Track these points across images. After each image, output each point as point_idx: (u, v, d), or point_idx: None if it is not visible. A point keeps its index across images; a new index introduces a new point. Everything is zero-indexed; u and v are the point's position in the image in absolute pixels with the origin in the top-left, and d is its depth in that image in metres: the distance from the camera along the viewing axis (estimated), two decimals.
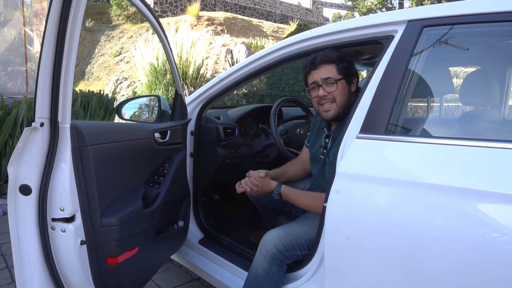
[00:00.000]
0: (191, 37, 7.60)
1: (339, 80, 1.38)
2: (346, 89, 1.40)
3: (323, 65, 1.38)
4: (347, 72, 1.39)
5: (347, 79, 1.40)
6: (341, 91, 1.38)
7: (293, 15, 19.88)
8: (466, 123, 1.43)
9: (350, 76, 1.41)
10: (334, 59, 1.38)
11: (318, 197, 1.31)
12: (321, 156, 1.51)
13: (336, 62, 1.38)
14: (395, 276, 0.96)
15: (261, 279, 1.30)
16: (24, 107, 3.33)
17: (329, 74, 1.38)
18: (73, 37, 1.05)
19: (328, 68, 1.38)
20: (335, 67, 1.38)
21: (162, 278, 2.00)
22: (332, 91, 1.38)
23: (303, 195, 1.46)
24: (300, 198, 1.44)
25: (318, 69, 1.39)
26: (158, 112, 1.72)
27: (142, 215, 1.35)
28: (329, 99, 1.39)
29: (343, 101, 1.39)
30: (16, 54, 9.21)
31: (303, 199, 1.43)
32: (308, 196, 1.44)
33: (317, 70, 1.40)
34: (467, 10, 1.05)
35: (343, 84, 1.39)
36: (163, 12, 14.75)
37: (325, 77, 1.38)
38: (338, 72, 1.38)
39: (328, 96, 1.38)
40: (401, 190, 0.97)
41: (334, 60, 1.38)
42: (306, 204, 1.42)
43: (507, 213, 0.81)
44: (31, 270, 1.12)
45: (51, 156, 1.10)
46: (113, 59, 12.22)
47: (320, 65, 1.39)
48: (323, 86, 1.38)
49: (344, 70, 1.38)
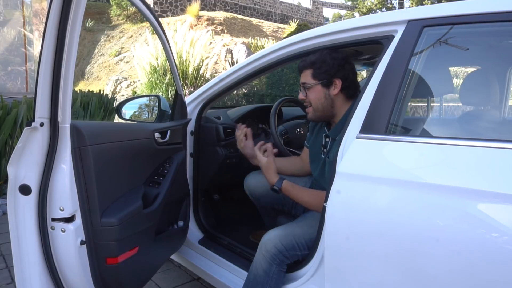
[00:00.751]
0: (191, 37, 7.60)
1: (313, 86, 1.42)
2: (322, 93, 1.42)
3: (303, 69, 1.45)
4: (324, 76, 1.40)
5: (324, 83, 1.40)
6: (315, 96, 1.42)
7: (293, 15, 19.88)
8: (466, 123, 1.43)
9: (330, 79, 1.40)
10: (311, 64, 1.41)
11: (319, 195, 1.31)
12: (322, 155, 1.51)
13: (312, 67, 1.41)
14: (395, 276, 0.96)
15: (261, 279, 1.31)
16: (24, 107, 3.32)
17: (304, 79, 1.44)
18: (73, 37, 1.05)
19: (306, 73, 1.44)
20: (310, 73, 1.42)
21: (162, 278, 2.00)
22: (306, 96, 1.45)
23: (304, 192, 1.44)
24: (300, 194, 1.42)
25: (302, 73, 1.46)
26: (158, 112, 1.72)
27: (142, 215, 1.35)
28: (307, 103, 1.46)
29: (319, 105, 1.43)
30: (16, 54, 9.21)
31: (304, 197, 1.41)
32: (308, 194, 1.43)
33: (301, 73, 1.47)
34: (467, 10, 1.04)
35: (318, 89, 1.42)
36: (163, 12, 14.75)
37: (302, 81, 1.45)
38: (313, 77, 1.42)
39: (306, 100, 1.45)
40: (401, 190, 0.97)
41: (310, 65, 1.42)
42: (307, 201, 1.41)
43: (507, 213, 0.81)
44: (31, 270, 1.12)
45: (51, 156, 1.09)
46: (113, 59, 12.22)
47: (302, 70, 1.46)
48: (302, 90, 1.47)
49: (320, 75, 1.40)
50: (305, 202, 1.41)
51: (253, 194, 1.74)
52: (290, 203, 1.68)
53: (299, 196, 1.42)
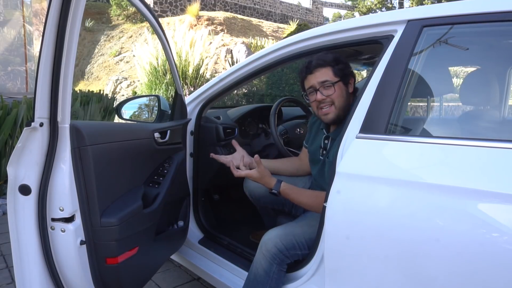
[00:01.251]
0: (191, 37, 7.60)
1: (337, 83, 1.37)
2: (344, 91, 1.39)
3: (318, 68, 1.38)
4: (343, 74, 1.38)
5: (344, 81, 1.39)
6: (339, 93, 1.38)
7: (293, 15, 19.87)
8: (466, 123, 1.43)
9: (347, 77, 1.40)
10: (329, 62, 1.37)
11: (319, 196, 1.31)
12: (321, 157, 1.51)
13: (331, 65, 1.37)
14: (395, 276, 0.96)
15: (261, 279, 1.30)
16: (24, 107, 3.33)
17: (325, 77, 1.37)
18: (73, 36, 1.05)
19: (324, 71, 1.38)
20: (331, 70, 1.37)
21: (162, 278, 2.00)
22: (330, 94, 1.37)
23: (303, 193, 1.45)
24: (300, 196, 1.42)
25: (314, 73, 1.39)
26: (158, 112, 1.72)
27: (142, 215, 1.35)
28: (328, 102, 1.38)
29: (342, 102, 1.38)
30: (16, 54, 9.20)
31: (303, 198, 1.41)
32: (308, 195, 1.43)
33: (313, 74, 1.39)
34: (467, 10, 1.04)
35: (341, 86, 1.38)
36: (162, 12, 14.75)
37: (322, 80, 1.37)
38: (335, 75, 1.37)
39: (327, 100, 1.38)
40: (401, 190, 0.97)
41: (329, 63, 1.37)
42: (306, 202, 1.41)
43: (507, 213, 0.81)
44: (31, 270, 1.12)
45: (51, 156, 1.09)
46: (112, 59, 12.22)
47: (316, 69, 1.38)
48: (321, 90, 1.38)
49: (340, 71, 1.38)
50: (305, 204, 1.41)
51: (253, 195, 1.74)
52: (290, 203, 1.68)
53: (298, 198, 1.41)
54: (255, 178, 1.45)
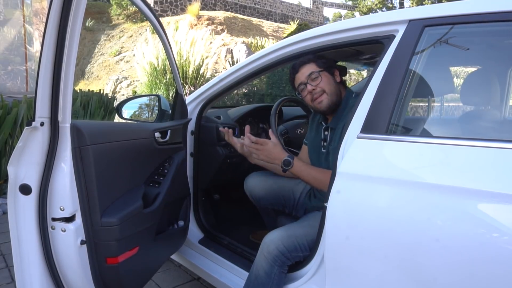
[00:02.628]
0: (191, 36, 7.60)
1: (322, 71, 1.48)
2: (331, 79, 1.50)
3: (303, 66, 1.50)
4: (326, 66, 1.50)
5: (329, 71, 1.50)
6: (327, 80, 1.48)
7: (293, 15, 19.87)
8: (467, 123, 1.43)
9: (331, 68, 1.52)
10: (311, 59, 1.50)
11: (327, 172, 1.29)
12: (323, 150, 1.52)
13: (313, 60, 1.50)
14: (395, 276, 0.96)
15: (262, 281, 1.30)
16: (24, 107, 3.32)
17: (311, 70, 1.49)
18: (74, 36, 1.05)
19: (309, 67, 1.50)
20: (314, 64, 1.49)
21: (162, 278, 2.00)
22: (318, 83, 1.47)
23: (313, 170, 1.42)
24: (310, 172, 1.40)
25: (300, 71, 1.51)
26: (158, 111, 1.72)
27: (142, 214, 1.35)
28: (319, 92, 1.47)
29: (332, 89, 1.48)
30: (16, 54, 9.19)
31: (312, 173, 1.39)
32: (317, 171, 1.41)
33: (299, 72, 1.51)
34: (468, 10, 1.04)
35: (327, 75, 1.49)
36: (163, 11, 14.75)
37: (308, 74, 1.48)
38: (318, 66, 1.49)
39: (317, 90, 1.47)
40: (402, 190, 0.97)
41: (311, 59, 1.50)
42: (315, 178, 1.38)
43: (507, 213, 0.81)
44: (31, 269, 1.12)
45: (51, 156, 1.09)
46: (113, 59, 12.22)
47: (301, 67, 1.51)
48: (309, 82, 1.48)
49: (323, 64, 1.50)
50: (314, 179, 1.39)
51: (253, 195, 1.74)
52: (291, 204, 1.68)
53: (309, 174, 1.39)
54: (269, 147, 1.42)
